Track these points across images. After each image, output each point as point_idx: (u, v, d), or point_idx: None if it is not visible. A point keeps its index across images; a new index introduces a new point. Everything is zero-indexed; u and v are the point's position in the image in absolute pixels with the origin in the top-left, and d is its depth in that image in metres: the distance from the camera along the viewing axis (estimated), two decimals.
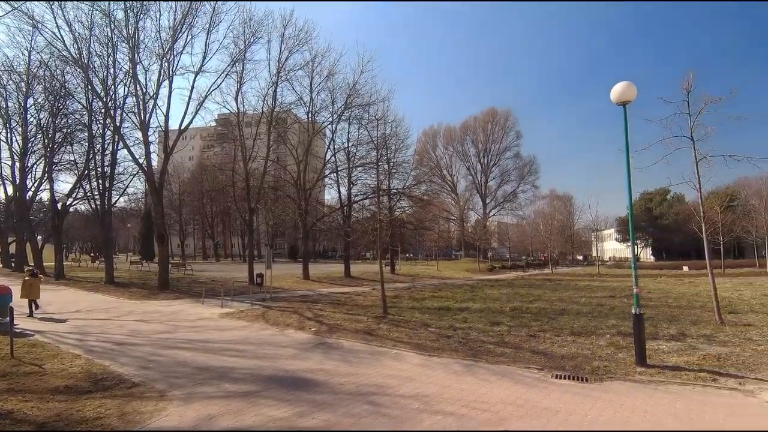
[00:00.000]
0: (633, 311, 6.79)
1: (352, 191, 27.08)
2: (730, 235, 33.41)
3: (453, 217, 65.50)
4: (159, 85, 19.43)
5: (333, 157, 27.08)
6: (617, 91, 6.98)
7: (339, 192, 27.84)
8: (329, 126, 26.75)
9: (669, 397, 5.25)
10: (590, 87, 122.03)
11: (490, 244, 62.53)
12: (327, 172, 27.78)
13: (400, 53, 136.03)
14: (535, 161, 67.55)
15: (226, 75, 20.96)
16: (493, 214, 67.42)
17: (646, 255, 69.45)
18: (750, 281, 24.39)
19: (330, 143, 26.92)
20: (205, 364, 6.85)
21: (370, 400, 5.19)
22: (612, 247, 75.29)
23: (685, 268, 38.11)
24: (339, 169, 27.05)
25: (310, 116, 25.87)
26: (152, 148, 21.69)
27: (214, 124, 29.91)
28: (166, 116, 19.84)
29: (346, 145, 26.37)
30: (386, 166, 23.78)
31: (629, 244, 69.50)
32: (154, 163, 23.83)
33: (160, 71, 19.38)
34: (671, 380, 5.90)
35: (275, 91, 23.20)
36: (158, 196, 20.03)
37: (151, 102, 19.58)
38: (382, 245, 13.83)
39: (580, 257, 71.78)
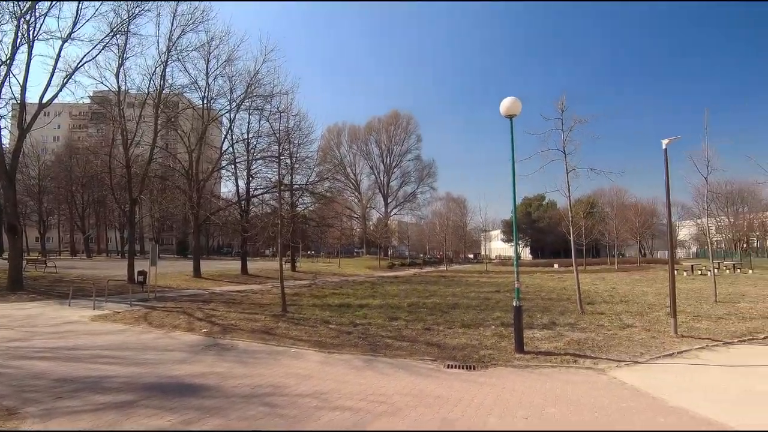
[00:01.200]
0: (514, 304, 7.53)
1: (251, 185, 25.82)
2: (590, 237, 39.01)
3: (356, 215, 66.32)
4: (15, 49, 16.34)
5: (231, 148, 25.58)
6: (505, 105, 7.68)
7: (237, 185, 26.38)
8: (227, 114, 25.19)
9: (541, 379, 5.94)
10: (484, 98, 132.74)
11: (390, 242, 64.64)
12: (224, 163, 26.11)
13: (306, 50, 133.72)
14: (433, 164, 71.47)
15: (104, 47, 18.48)
16: (394, 213, 69.88)
17: (526, 254, 77.97)
18: (603, 276, 28.73)
19: (228, 133, 25.38)
20: (69, 375, 5.94)
21: (267, 402, 4.99)
22: (498, 246, 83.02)
23: (556, 266, 43.68)
24: (237, 160, 25.61)
25: (205, 102, 24.06)
26: (3, 123, 18.10)
27: (88, 101, 26.14)
28: (23, 87, 16.70)
29: (245, 135, 25.05)
30: (289, 161, 23.18)
31: (513, 243, 77.53)
32: (6, 141, 20.05)
33: (16, 33, 16.33)
34: (543, 364, 6.68)
35: (164, 71, 21.11)
36: (9, 180, 16.82)
37: (4, 68, 16.40)
38: (283, 241, 13.40)
39: (471, 255, 77.95)
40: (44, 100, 17.15)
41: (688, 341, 8.09)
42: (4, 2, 16.46)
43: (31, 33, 16.57)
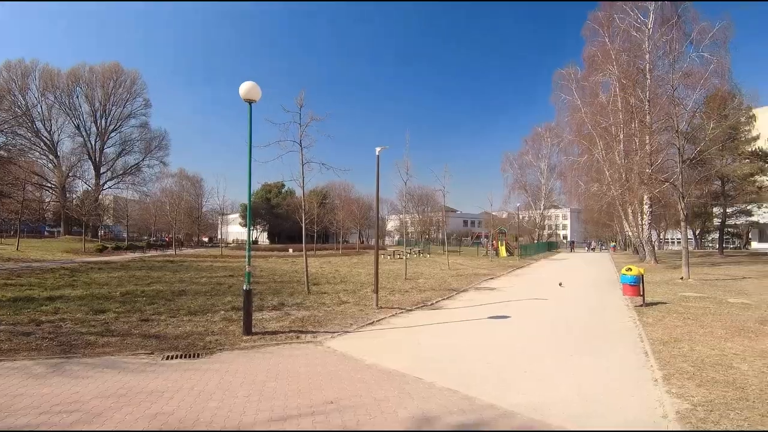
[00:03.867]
0: (244, 287, 7.57)
1: None
2: (321, 225, 43.20)
3: (50, 185, 51.64)
4: None
5: None
6: (244, 88, 7.57)
7: None
8: None
9: (266, 357, 6.22)
10: (223, 75, 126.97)
11: (102, 221, 53.45)
12: None
13: None
14: (166, 136, 62.56)
15: None
16: (110, 187, 57.86)
17: (264, 239, 79.35)
18: (330, 260, 32.28)
19: None
20: None
21: None
22: (236, 230, 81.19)
23: (291, 250, 46.32)
24: None
25: None
26: None
27: None
28: None
29: None
30: None
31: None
32: None
33: None
34: (269, 343, 7.01)
35: None
36: None
37: None
38: None
39: (207, 239, 73.39)
40: None
41: (384, 311, 10.11)
42: None
43: None
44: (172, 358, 6.08)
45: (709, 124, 18.45)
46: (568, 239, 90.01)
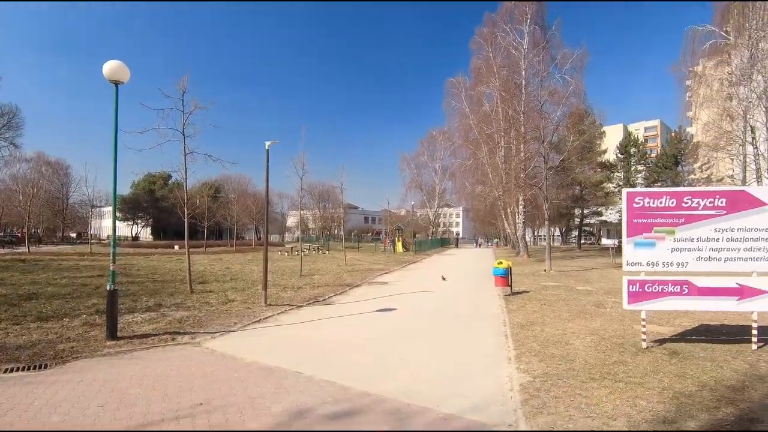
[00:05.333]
0: (108, 288, 6.85)
1: None
2: (213, 220, 40.55)
3: None
4: None
5: None
6: (109, 68, 6.85)
7: None
8: None
9: (132, 363, 5.71)
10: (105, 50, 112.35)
11: None
12: None
13: None
14: (17, 113, 52.94)
15: None
16: None
17: (146, 234, 71.72)
18: (221, 257, 30.46)
19: None
20: None
21: None
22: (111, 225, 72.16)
23: (176, 247, 42.61)
24: None
25: None
26: None
27: None
28: None
29: None
30: None
31: (127, 222, 69.26)
32: None
33: None
34: (137, 347, 6.44)
35: None
36: None
37: None
38: None
39: (74, 235, 63.93)
40: None
41: (273, 308, 9.91)
42: None
43: None
44: (12, 371, 5.26)
45: (569, 137, 21.42)
46: (459, 236, 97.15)
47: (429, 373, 5.46)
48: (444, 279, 16.15)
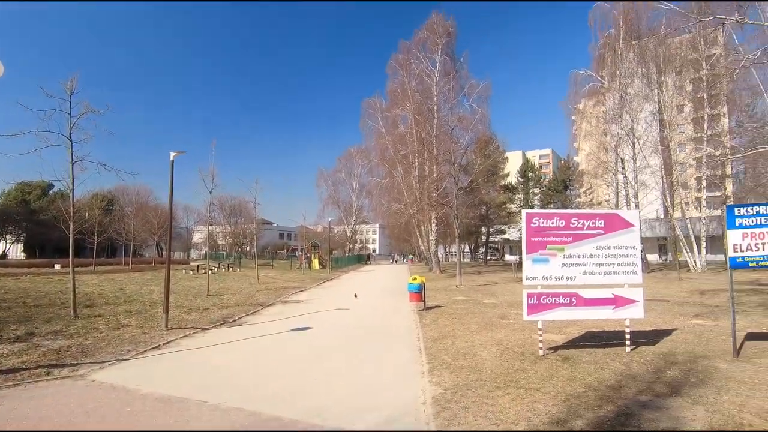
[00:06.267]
0: None
1: None
2: (105, 235, 36.31)
3: None
4: None
5: None
6: None
7: None
8: None
9: None
10: None
11: None
12: None
13: None
14: None
15: None
16: None
17: (18, 252, 61.65)
18: (114, 277, 27.27)
19: None
20: None
21: None
22: None
23: (58, 266, 37.22)
24: None
25: None
26: None
27: None
28: None
29: None
30: None
31: None
32: None
33: None
34: (1, 386, 5.46)
35: None
36: None
37: None
38: None
39: None
40: None
41: (175, 332, 9.09)
42: None
43: None
44: None
45: (477, 161, 23.10)
46: (376, 252, 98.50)
47: (344, 390, 5.39)
48: (356, 297, 16.17)
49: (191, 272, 31.10)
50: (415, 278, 12.74)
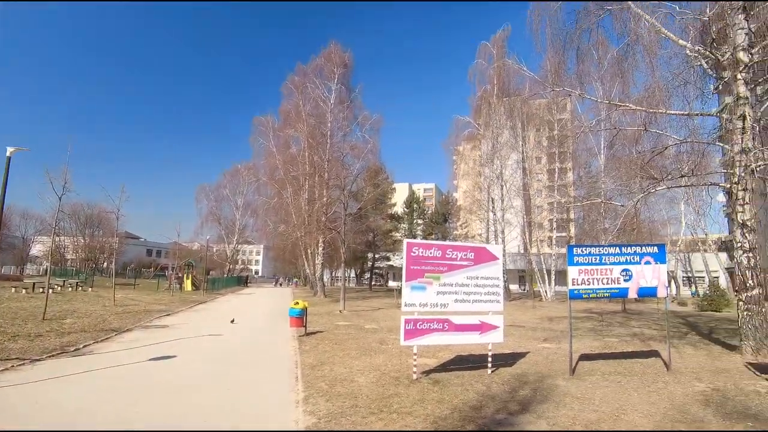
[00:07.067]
0: None
1: None
2: None
3: None
4: None
5: None
6: None
7: None
8: None
9: None
10: None
11: None
12: None
13: None
14: None
15: None
16: None
17: None
18: None
19: None
20: None
21: None
22: None
23: None
24: None
25: None
26: None
27: None
28: None
29: None
30: None
31: None
32: None
33: None
34: None
35: None
36: None
37: None
38: None
39: None
40: None
41: None
42: None
43: None
44: None
45: (366, 189, 23.85)
46: (259, 274, 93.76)
47: (210, 424, 4.92)
48: (233, 322, 15.12)
49: (24, 291, 25.82)
50: (297, 302, 12.42)
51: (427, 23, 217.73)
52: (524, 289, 53.01)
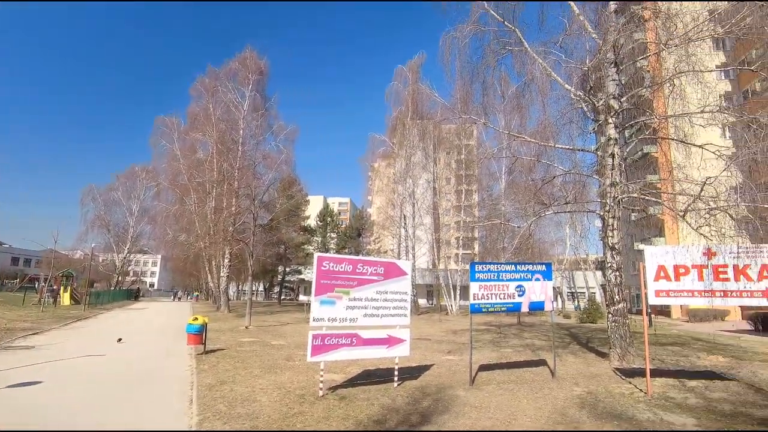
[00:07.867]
0: None
1: None
2: None
3: None
4: None
5: None
6: None
7: None
8: None
9: None
10: None
11: None
12: None
13: None
14: None
15: None
16: None
17: None
18: None
19: None
20: None
21: None
22: None
23: None
24: None
25: None
26: None
27: None
28: None
29: None
30: None
31: None
32: None
33: None
34: None
35: None
36: None
37: None
38: None
39: None
40: None
41: None
42: None
43: None
44: None
45: (279, 200, 23.18)
46: (155, 287, 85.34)
47: None
48: (120, 341, 13.54)
49: None
50: (197, 318, 11.53)
51: (351, 46, 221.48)
52: (432, 303, 55.19)
